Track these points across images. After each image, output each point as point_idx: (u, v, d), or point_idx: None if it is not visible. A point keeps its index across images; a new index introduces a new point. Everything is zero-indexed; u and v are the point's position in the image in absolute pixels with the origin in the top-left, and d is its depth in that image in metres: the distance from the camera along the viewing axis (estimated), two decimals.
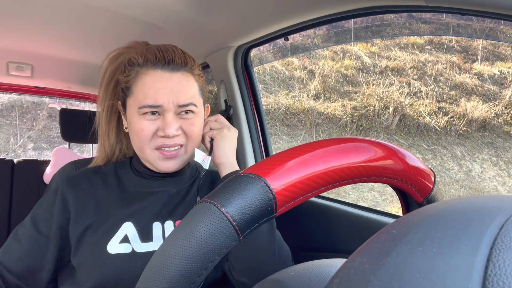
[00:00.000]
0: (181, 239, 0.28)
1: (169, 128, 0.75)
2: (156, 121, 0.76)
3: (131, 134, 0.80)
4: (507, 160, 6.46)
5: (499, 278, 0.17)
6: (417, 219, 0.23)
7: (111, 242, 0.74)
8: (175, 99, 0.75)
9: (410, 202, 0.40)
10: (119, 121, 0.89)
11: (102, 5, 1.12)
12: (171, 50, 0.78)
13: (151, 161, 0.79)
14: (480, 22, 5.01)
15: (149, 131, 0.76)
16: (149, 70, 0.77)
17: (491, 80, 7.37)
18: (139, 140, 0.77)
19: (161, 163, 0.79)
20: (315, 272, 0.38)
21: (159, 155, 0.78)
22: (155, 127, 0.76)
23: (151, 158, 0.79)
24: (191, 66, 0.80)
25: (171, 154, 0.78)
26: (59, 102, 5.31)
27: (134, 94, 0.78)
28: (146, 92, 0.75)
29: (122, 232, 0.76)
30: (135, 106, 0.77)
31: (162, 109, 0.75)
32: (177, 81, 0.77)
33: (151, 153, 0.78)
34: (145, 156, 0.79)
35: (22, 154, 5.62)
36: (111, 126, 0.88)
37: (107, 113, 0.87)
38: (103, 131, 0.88)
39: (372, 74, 7.17)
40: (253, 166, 0.31)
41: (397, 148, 0.36)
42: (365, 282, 0.20)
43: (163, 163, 0.79)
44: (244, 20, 1.11)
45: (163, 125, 0.76)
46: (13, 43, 1.53)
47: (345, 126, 6.51)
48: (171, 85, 0.76)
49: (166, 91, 0.75)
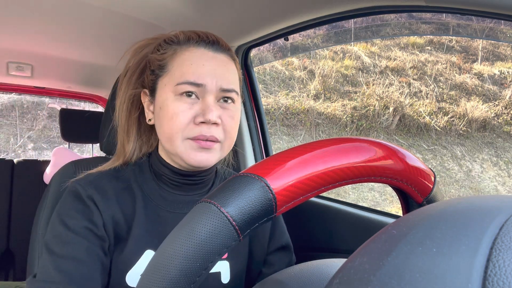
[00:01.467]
0: (181, 239, 0.28)
1: (210, 112, 0.63)
2: (194, 106, 0.65)
3: (160, 121, 0.67)
4: (507, 160, 6.47)
5: (499, 278, 0.17)
6: (417, 219, 0.23)
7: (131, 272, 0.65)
8: (219, 80, 0.65)
9: (410, 202, 0.40)
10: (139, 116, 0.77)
11: (102, 5, 1.12)
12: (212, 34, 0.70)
13: (181, 154, 0.66)
14: (480, 22, 5.01)
15: (185, 116, 0.64)
16: (190, 47, 0.67)
17: (491, 80, 7.37)
18: (170, 128, 0.64)
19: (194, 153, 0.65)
20: (315, 272, 0.38)
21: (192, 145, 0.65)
22: (193, 113, 0.64)
23: (181, 150, 0.65)
24: (233, 53, 0.72)
25: (207, 144, 0.65)
26: (59, 102, 5.31)
27: (170, 72, 0.66)
28: (187, 68, 0.65)
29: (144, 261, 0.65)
30: (170, 84, 0.65)
31: (203, 90, 0.64)
32: (222, 63, 0.67)
33: (181, 143, 0.65)
34: (174, 148, 0.66)
35: (22, 154, 5.62)
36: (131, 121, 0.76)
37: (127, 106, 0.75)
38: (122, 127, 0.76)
39: (372, 74, 7.17)
40: (253, 166, 0.31)
41: (397, 148, 0.36)
42: (365, 282, 0.20)
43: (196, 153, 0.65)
44: (244, 20, 1.11)
45: (202, 109, 0.64)
46: (13, 43, 1.53)
47: (345, 126, 6.51)
48: (215, 64, 0.66)
49: (210, 69, 0.65)
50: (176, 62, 0.67)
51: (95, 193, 0.67)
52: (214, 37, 0.69)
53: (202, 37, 0.68)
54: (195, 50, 0.67)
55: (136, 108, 0.76)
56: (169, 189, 0.72)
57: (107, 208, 0.66)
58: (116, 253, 0.65)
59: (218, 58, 0.68)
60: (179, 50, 0.67)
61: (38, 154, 5.68)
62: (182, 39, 0.68)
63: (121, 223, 0.67)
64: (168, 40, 0.70)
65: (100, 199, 0.66)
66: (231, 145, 0.70)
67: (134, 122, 0.76)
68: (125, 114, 0.75)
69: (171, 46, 0.69)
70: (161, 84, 0.68)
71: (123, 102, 0.75)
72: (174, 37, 0.69)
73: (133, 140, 0.76)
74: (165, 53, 0.68)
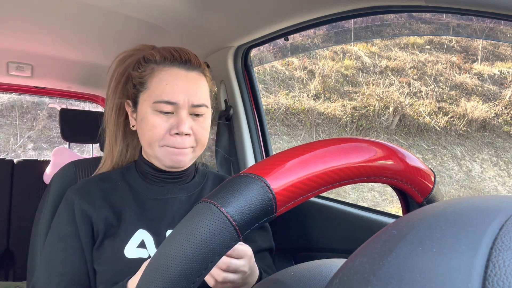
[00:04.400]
0: (181, 239, 0.28)
1: (183, 125, 0.75)
2: (170, 119, 0.76)
3: (142, 130, 0.79)
4: (507, 160, 6.47)
5: (499, 278, 0.17)
6: (417, 219, 0.23)
7: (128, 246, 0.74)
8: (191, 98, 0.76)
9: (410, 202, 0.40)
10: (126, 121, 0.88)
11: (102, 5, 1.12)
12: (186, 51, 0.80)
13: (159, 157, 0.79)
14: (480, 22, 5.02)
15: (162, 129, 0.76)
16: (166, 67, 0.78)
17: (491, 80, 7.37)
18: (150, 137, 0.77)
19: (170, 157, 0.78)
20: (315, 272, 0.38)
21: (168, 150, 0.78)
22: (168, 125, 0.76)
23: (159, 154, 0.78)
24: (204, 69, 0.82)
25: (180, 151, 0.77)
26: (59, 102, 5.31)
27: (149, 89, 0.78)
28: (163, 88, 0.76)
29: (139, 237, 0.76)
30: (149, 100, 0.77)
31: (176, 107, 0.76)
32: (193, 80, 0.78)
33: (159, 149, 0.78)
34: (153, 152, 0.79)
35: (22, 154, 5.61)
36: (119, 126, 0.88)
37: (115, 113, 0.87)
38: (111, 132, 0.88)
39: (372, 74, 7.17)
40: (253, 166, 0.31)
41: (397, 148, 0.36)
42: (365, 282, 0.20)
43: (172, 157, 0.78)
44: (244, 20, 1.11)
45: (176, 122, 0.76)
46: (13, 43, 1.53)
47: (345, 126, 6.51)
48: (187, 83, 0.77)
49: (183, 89, 0.76)
50: (154, 81, 0.78)
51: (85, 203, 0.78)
52: (186, 56, 0.79)
53: (175, 57, 0.78)
54: (169, 70, 0.78)
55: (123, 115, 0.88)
56: (154, 184, 0.84)
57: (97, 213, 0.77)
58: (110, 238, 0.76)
59: (190, 76, 0.79)
60: (156, 69, 0.78)
61: (38, 154, 5.68)
62: (159, 59, 0.79)
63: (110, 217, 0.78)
64: (147, 59, 0.80)
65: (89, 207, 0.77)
66: (202, 148, 0.82)
67: (121, 126, 0.88)
68: (113, 119, 0.87)
69: (149, 65, 0.79)
70: (142, 99, 0.79)
71: (111, 109, 0.86)
72: (151, 56, 0.80)
73: (119, 143, 0.88)
74: (144, 71, 0.79)
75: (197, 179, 0.89)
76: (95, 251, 0.76)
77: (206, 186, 0.89)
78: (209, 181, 0.91)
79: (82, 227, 0.76)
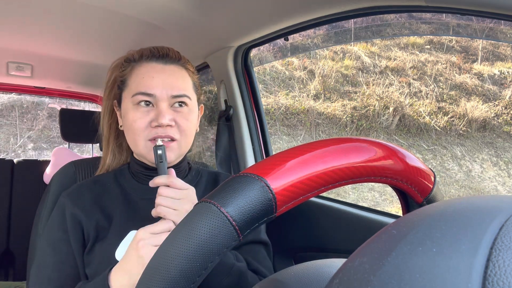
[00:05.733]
0: (181, 239, 0.28)
1: (162, 117, 0.74)
2: (150, 113, 0.76)
3: (125, 128, 0.80)
4: (507, 160, 6.46)
5: (499, 278, 0.17)
6: (417, 219, 0.23)
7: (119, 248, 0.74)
8: (169, 89, 0.76)
9: (410, 202, 0.40)
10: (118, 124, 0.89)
11: (102, 5, 1.12)
12: (165, 47, 0.81)
13: (145, 154, 0.78)
14: (480, 22, 5.01)
15: (142, 121, 0.76)
16: (143, 63, 0.79)
17: (491, 80, 7.37)
18: (132, 132, 0.77)
19: None
20: (315, 272, 0.38)
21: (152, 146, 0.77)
22: (149, 118, 0.76)
23: (144, 151, 0.78)
24: (184, 62, 0.82)
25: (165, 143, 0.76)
26: (59, 102, 5.31)
27: (128, 86, 0.79)
28: (139, 81, 0.77)
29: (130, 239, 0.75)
30: (129, 96, 0.78)
31: (155, 99, 0.76)
32: (171, 72, 0.78)
33: (144, 145, 0.77)
34: (139, 149, 0.78)
35: (22, 154, 5.61)
36: (111, 129, 0.89)
37: (107, 116, 0.88)
38: (104, 136, 0.89)
39: (372, 74, 7.17)
40: (253, 166, 0.31)
41: (397, 148, 0.36)
42: (365, 282, 0.20)
43: None
44: (244, 20, 1.11)
45: (156, 115, 0.75)
46: (13, 43, 1.53)
47: (345, 126, 6.50)
48: (164, 75, 0.77)
49: (159, 80, 0.76)
50: (132, 77, 0.79)
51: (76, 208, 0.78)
52: (165, 50, 0.80)
53: (153, 52, 0.79)
54: (146, 65, 0.79)
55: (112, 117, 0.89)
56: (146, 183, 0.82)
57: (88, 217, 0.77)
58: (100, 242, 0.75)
59: (167, 69, 0.79)
60: (135, 67, 0.80)
61: (38, 154, 5.68)
62: (137, 57, 0.80)
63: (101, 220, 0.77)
64: (127, 59, 0.82)
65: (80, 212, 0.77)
66: (188, 142, 0.81)
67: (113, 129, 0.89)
68: (106, 123, 0.88)
69: (129, 64, 0.81)
70: (123, 97, 0.81)
71: (105, 113, 0.88)
72: (131, 56, 0.82)
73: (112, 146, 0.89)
74: (125, 70, 0.81)
75: (190, 177, 0.88)
76: (86, 256, 0.76)
77: (200, 183, 0.88)
78: (203, 179, 0.90)
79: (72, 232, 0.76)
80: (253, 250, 0.83)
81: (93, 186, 0.83)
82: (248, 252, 0.81)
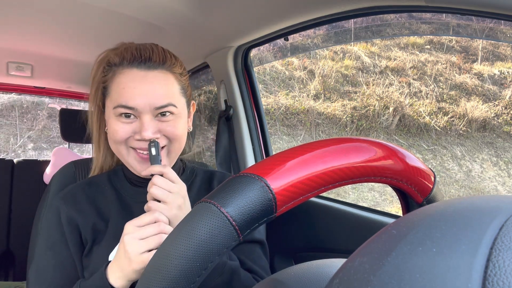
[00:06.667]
0: (181, 239, 0.28)
1: (145, 131, 0.70)
2: (132, 124, 0.73)
3: (108, 136, 0.77)
4: (507, 160, 6.46)
5: (499, 278, 0.17)
6: (417, 219, 0.23)
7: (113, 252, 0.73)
8: (152, 100, 0.71)
9: (410, 202, 0.40)
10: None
11: (102, 5, 1.12)
12: (149, 48, 0.75)
13: (131, 164, 0.75)
14: (480, 22, 5.01)
15: (124, 133, 0.72)
16: (124, 69, 0.74)
17: (491, 80, 7.37)
18: (114, 142, 0.74)
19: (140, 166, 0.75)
20: (315, 272, 0.38)
21: (135, 156, 0.75)
22: (131, 130, 0.73)
23: (130, 161, 0.75)
24: (170, 64, 0.76)
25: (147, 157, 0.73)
26: (59, 102, 5.31)
27: (110, 94, 0.75)
28: (120, 91, 0.72)
29: None
30: (111, 106, 0.74)
31: (137, 112, 0.72)
32: (153, 80, 0.73)
33: (128, 154, 0.75)
34: (123, 158, 0.76)
35: (22, 154, 5.61)
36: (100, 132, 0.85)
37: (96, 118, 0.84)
38: (94, 138, 0.86)
39: (372, 74, 7.17)
40: (253, 166, 0.31)
41: (397, 148, 0.36)
42: (365, 282, 0.20)
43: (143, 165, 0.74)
44: (244, 20, 1.11)
45: (139, 128, 0.72)
46: (13, 43, 1.53)
47: (345, 126, 6.50)
48: (146, 85, 0.72)
49: (141, 92, 0.71)
50: (114, 85, 0.74)
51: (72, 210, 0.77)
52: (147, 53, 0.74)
53: (135, 57, 0.73)
54: (127, 72, 0.73)
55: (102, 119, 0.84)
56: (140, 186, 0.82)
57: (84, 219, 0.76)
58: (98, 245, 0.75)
59: (149, 77, 0.73)
60: (117, 72, 0.74)
61: (38, 154, 5.68)
62: (118, 61, 0.74)
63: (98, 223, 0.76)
64: (108, 63, 0.77)
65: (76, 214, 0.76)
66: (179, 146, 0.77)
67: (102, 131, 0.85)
68: (95, 125, 0.84)
69: (110, 68, 0.76)
70: (106, 105, 0.77)
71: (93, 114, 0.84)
72: (111, 59, 0.76)
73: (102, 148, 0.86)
74: (106, 75, 0.76)
75: (184, 177, 0.86)
76: (84, 258, 0.75)
77: (195, 182, 0.87)
78: (198, 178, 0.88)
79: (69, 235, 0.76)
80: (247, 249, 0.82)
81: (88, 188, 0.82)
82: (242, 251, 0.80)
